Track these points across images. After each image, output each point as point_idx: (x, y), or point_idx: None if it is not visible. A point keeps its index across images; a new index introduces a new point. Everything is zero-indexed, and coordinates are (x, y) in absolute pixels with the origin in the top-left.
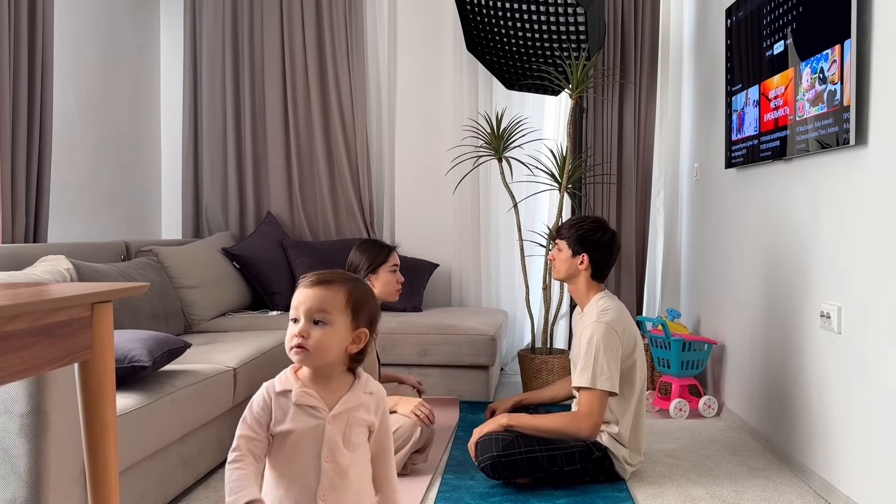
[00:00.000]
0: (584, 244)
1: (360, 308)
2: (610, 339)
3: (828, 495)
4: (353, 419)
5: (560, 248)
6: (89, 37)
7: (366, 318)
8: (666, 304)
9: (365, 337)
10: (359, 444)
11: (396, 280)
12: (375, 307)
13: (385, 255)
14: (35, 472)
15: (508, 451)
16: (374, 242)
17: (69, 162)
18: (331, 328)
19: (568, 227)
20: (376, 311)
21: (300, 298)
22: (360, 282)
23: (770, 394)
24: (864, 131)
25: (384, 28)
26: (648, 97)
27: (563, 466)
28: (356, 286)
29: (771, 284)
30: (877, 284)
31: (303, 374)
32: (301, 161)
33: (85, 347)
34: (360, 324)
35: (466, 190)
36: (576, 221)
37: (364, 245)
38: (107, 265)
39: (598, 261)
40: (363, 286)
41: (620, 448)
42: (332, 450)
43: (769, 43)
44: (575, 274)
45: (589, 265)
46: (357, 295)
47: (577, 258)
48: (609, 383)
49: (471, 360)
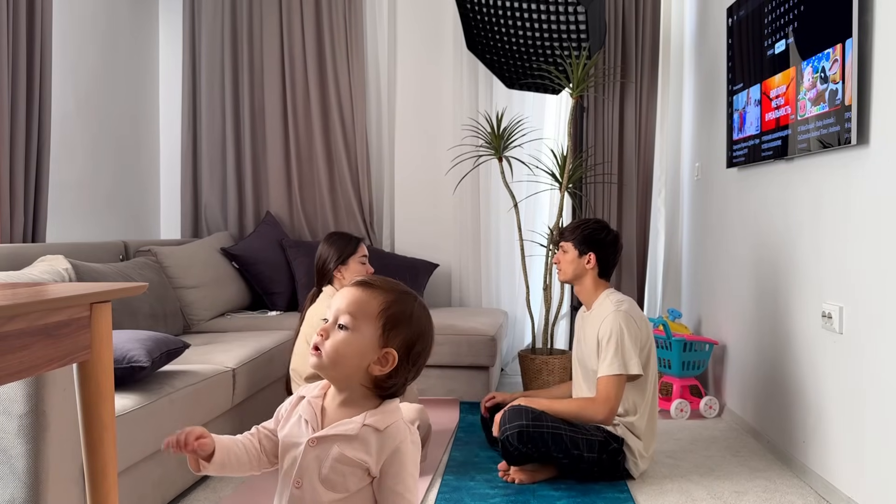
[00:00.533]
0: (590, 243)
1: (395, 323)
2: (631, 326)
3: (828, 496)
4: (338, 453)
5: (565, 249)
6: (88, 36)
7: (401, 338)
8: (667, 304)
9: (393, 360)
10: (345, 486)
11: (367, 271)
12: (418, 333)
13: (353, 246)
14: (34, 472)
15: (537, 422)
16: (342, 235)
17: (68, 161)
18: (352, 335)
19: (571, 230)
20: (419, 338)
21: (337, 298)
22: (411, 298)
23: (771, 394)
24: (866, 131)
25: (384, 28)
26: (649, 96)
27: (583, 451)
28: (401, 300)
29: (772, 285)
30: (879, 284)
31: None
32: (300, 161)
33: (83, 348)
34: (390, 342)
35: (466, 190)
36: (579, 224)
37: (332, 238)
38: (105, 265)
39: (604, 259)
40: (412, 305)
41: (635, 440)
42: (304, 477)
43: (770, 42)
44: (582, 274)
45: (596, 264)
46: (397, 309)
47: (584, 258)
48: (637, 367)
49: (471, 361)
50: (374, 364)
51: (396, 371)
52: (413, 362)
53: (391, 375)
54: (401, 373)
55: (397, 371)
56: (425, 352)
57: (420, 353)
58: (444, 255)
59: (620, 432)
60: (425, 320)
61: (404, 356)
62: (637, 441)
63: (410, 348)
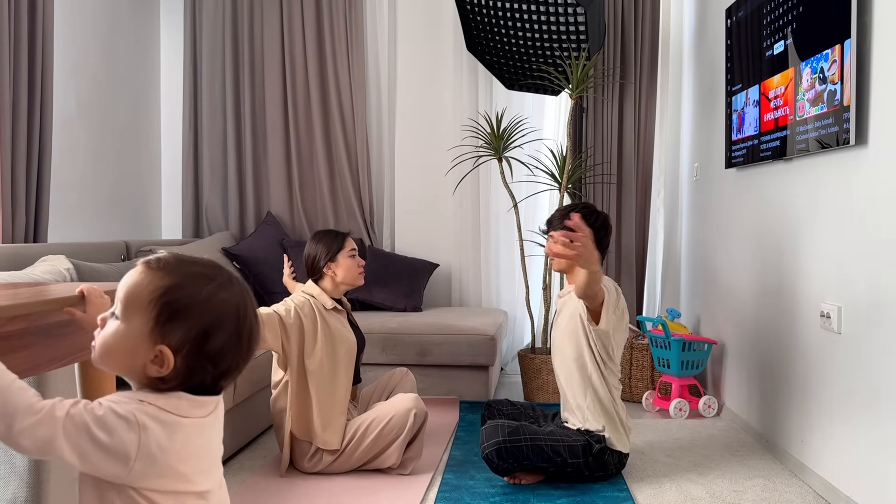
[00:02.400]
0: (598, 230)
1: (172, 314)
2: (618, 291)
3: (828, 495)
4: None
5: (556, 239)
6: (89, 37)
7: (182, 332)
8: (666, 303)
9: (168, 361)
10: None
11: (357, 264)
12: (213, 323)
13: (341, 241)
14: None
15: (514, 436)
16: (328, 231)
17: (69, 162)
18: (121, 327)
19: (560, 218)
20: (215, 328)
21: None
22: (204, 281)
23: (770, 394)
24: (865, 131)
25: (384, 28)
26: (648, 97)
27: (566, 458)
28: (187, 283)
29: (771, 284)
30: (877, 284)
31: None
32: (301, 161)
33: (84, 347)
34: (166, 337)
35: (466, 190)
36: (567, 210)
37: (318, 236)
38: (107, 265)
39: (597, 242)
40: (203, 289)
41: (619, 405)
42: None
43: (769, 43)
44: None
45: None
46: (176, 296)
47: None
48: (608, 292)
49: (471, 360)
50: (150, 363)
51: (188, 370)
52: (213, 360)
53: (177, 376)
54: (197, 373)
55: (189, 370)
56: (234, 345)
57: (222, 347)
58: (444, 255)
59: (602, 421)
60: (227, 305)
61: (194, 352)
62: (617, 415)
63: (203, 342)
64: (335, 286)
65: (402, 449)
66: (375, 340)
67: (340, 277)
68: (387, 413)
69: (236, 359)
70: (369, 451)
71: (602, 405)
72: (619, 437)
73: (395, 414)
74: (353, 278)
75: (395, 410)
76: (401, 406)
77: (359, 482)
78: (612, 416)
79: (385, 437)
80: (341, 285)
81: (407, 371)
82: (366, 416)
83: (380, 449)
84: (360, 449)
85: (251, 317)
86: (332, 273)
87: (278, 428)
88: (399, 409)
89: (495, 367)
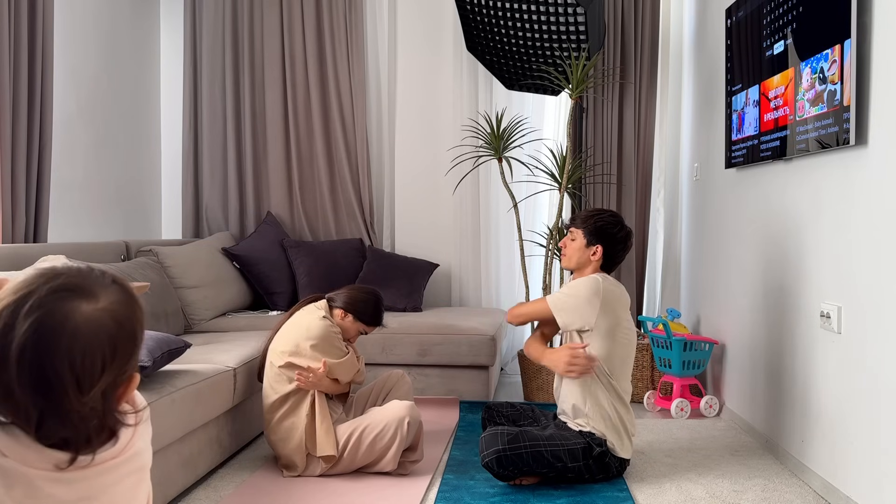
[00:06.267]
0: (601, 235)
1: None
2: (595, 289)
3: (828, 495)
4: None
5: (574, 236)
6: (89, 37)
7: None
8: (666, 304)
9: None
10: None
11: (353, 339)
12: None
13: (367, 321)
14: None
15: (514, 443)
16: (377, 305)
17: (69, 162)
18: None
19: (585, 218)
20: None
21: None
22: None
23: (770, 394)
24: (864, 131)
25: (384, 28)
26: (648, 97)
27: (566, 462)
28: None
29: (771, 284)
30: (877, 284)
31: None
32: (301, 161)
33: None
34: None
35: (466, 190)
36: (594, 213)
37: (370, 297)
38: (107, 265)
39: (611, 254)
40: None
41: (623, 412)
42: None
43: (769, 43)
44: (585, 264)
45: (601, 257)
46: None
47: (591, 248)
48: (558, 316)
49: (471, 360)
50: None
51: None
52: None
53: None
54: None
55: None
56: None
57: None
58: (444, 255)
59: (601, 427)
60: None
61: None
62: (626, 414)
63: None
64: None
65: (398, 455)
66: (375, 340)
67: (342, 328)
68: (380, 421)
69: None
70: (366, 458)
71: (603, 411)
72: (620, 443)
73: (388, 422)
74: (347, 337)
75: (388, 419)
76: (394, 414)
77: (359, 482)
78: (613, 423)
79: (379, 444)
80: (336, 324)
81: (403, 374)
82: (359, 421)
83: (376, 457)
84: (356, 457)
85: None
86: (340, 317)
87: (282, 442)
88: (391, 418)
89: (495, 367)
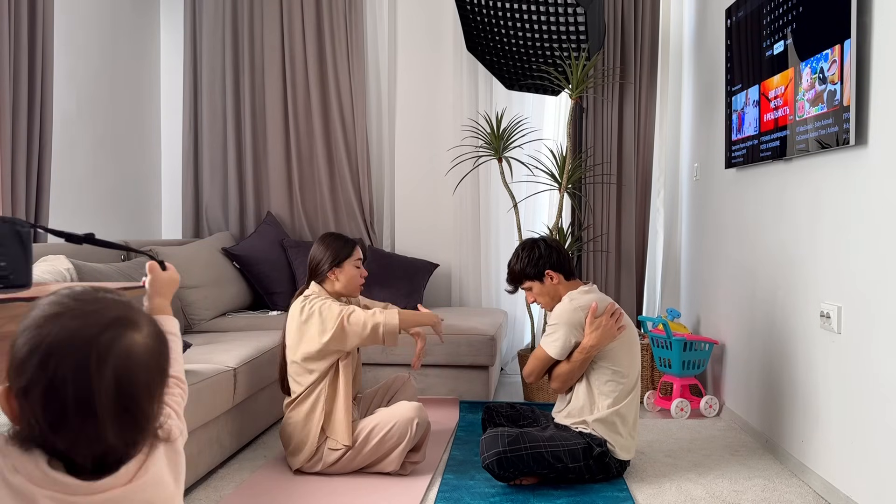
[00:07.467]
0: (539, 266)
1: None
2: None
3: (828, 495)
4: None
5: (529, 287)
6: (89, 37)
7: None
8: (666, 304)
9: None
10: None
11: (360, 275)
12: (12, 363)
13: (350, 248)
14: None
15: (514, 445)
16: (338, 236)
17: (69, 162)
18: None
19: (519, 272)
20: (15, 370)
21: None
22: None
23: (770, 394)
24: (864, 131)
25: (384, 28)
26: (648, 97)
27: (567, 462)
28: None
29: (771, 284)
30: (876, 284)
31: None
32: (301, 161)
33: None
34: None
35: (466, 190)
36: (515, 262)
37: (327, 239)
38: (107, 265)
39: (559, 265)
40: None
41: (624, 417)
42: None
43: (769, 43)
44: (557, 293)
45: (558, 274)
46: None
47: (547, 281)
48: (554, 351)
49: (471, 360)
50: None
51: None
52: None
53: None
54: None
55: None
56: (36, 382)
57: (27, 387)
58: (444, 254)
59: (601, 431)
60: (26, 340)
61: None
62: (621, 423)
63: (14, 384)
64: (332, 292)
65: (402, 456)
66: None
67: (341, 285)
68: (389, 420)
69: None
70: (370, 456)
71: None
72: (621, 444)
73: (398, 422)
74: (353, 289)
75: (398, 418)
76: (404, 414)
77: (359, 482)
78: (613, 425)
79: (386, 443)
80: (339, 292)
81: (409, 377)
82: (368, 420)
83: (381, 455)
84: (361, 454)
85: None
86: (334, 278)
87: (299, 424)
88: (401, 418)
89: (495, 367)
